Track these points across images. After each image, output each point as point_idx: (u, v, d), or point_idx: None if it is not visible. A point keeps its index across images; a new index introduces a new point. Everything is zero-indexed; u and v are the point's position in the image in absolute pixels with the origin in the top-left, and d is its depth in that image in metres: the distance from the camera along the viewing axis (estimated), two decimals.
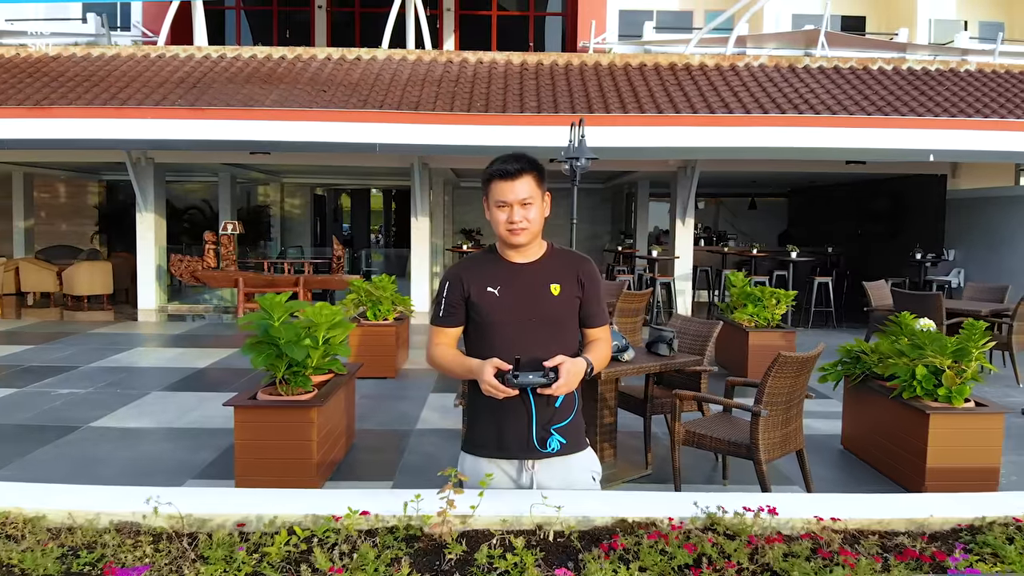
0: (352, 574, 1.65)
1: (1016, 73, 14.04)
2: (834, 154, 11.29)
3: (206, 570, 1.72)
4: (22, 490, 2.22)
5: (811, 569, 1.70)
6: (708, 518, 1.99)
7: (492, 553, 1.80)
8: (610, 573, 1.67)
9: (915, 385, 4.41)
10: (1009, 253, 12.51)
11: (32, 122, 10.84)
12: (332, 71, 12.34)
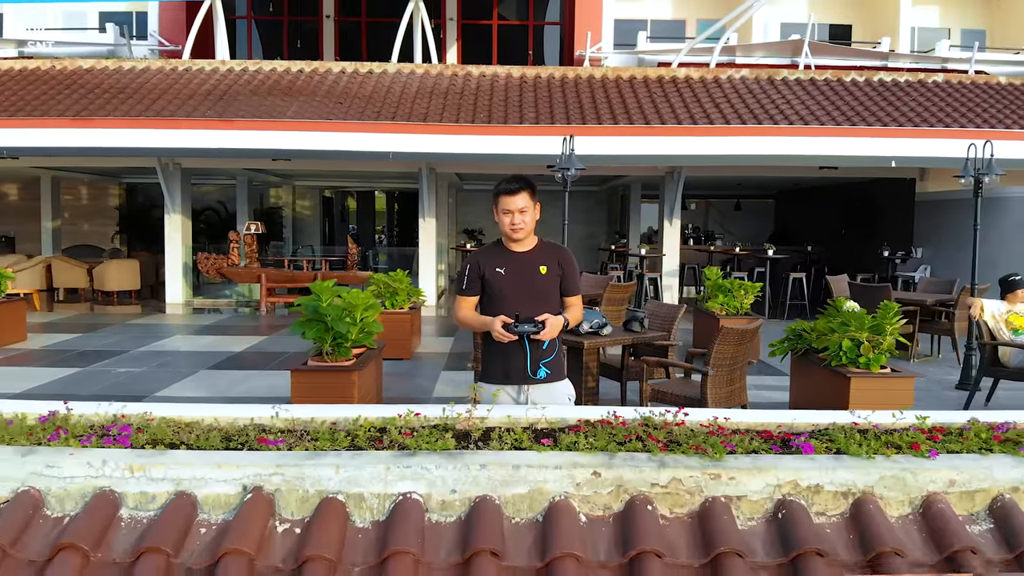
0: (415, 440, 2.66)
1: (980, 84, 15.06)
2: (807, 160, 12.30)
3: (319, 444, 2.73)
4: (177, 408, 3.23)
5: (702, 440, 2.71)
6: (643, 419, 2.99)
7: (501, 435, 2.81)
8: (574, 440, 2.68)
9: (841, 355, 5.42)
10: (964, 251, 13.47)
11: (75, 132, 11.83)
12: (347, 84, 13.36)
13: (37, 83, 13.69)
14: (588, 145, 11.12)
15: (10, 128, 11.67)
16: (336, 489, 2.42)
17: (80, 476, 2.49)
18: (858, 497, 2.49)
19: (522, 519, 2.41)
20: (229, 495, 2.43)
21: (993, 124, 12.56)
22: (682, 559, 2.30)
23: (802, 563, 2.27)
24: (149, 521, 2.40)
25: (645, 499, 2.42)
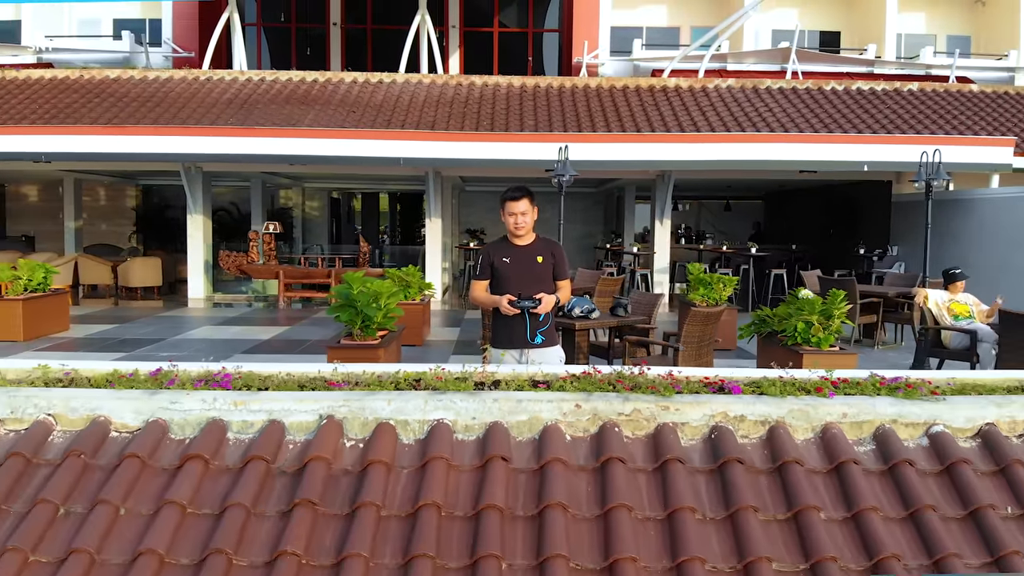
0: (445, 384, 3.51)
1: (953, 92, 15.92)
2: (788, 165, 13.13)
3: (372, 388, 3.58)
4: (258, 366, 4.08)
5: (660, 383, 3.56)
6: (616, 372, 3.85)
7: (508, 384, 3.66)
8: (562, 384, 3.53)
9: (796, 335, 6.26)
10: (941, 248, 14.34)
11: (107, 139, 12.66)
12: (359, 93, 14.21)
13: (67, 92, 14.53)
14: (583, 151, 11.97)
15: (47, 135, 12.51)
16: (388, 417, 3.28)
17: (196, 409, 3.35)
18: (772, 425, 3.35)
19: (523, 438, 3.26)
20: (309, 421, 3.29)
21: (962, 131, 13.39)
22: (639, 465, 3.16)
23: (727, 468, 3.13)
24: (250, 440, 3.26)
25: (613, 424, 3.28)
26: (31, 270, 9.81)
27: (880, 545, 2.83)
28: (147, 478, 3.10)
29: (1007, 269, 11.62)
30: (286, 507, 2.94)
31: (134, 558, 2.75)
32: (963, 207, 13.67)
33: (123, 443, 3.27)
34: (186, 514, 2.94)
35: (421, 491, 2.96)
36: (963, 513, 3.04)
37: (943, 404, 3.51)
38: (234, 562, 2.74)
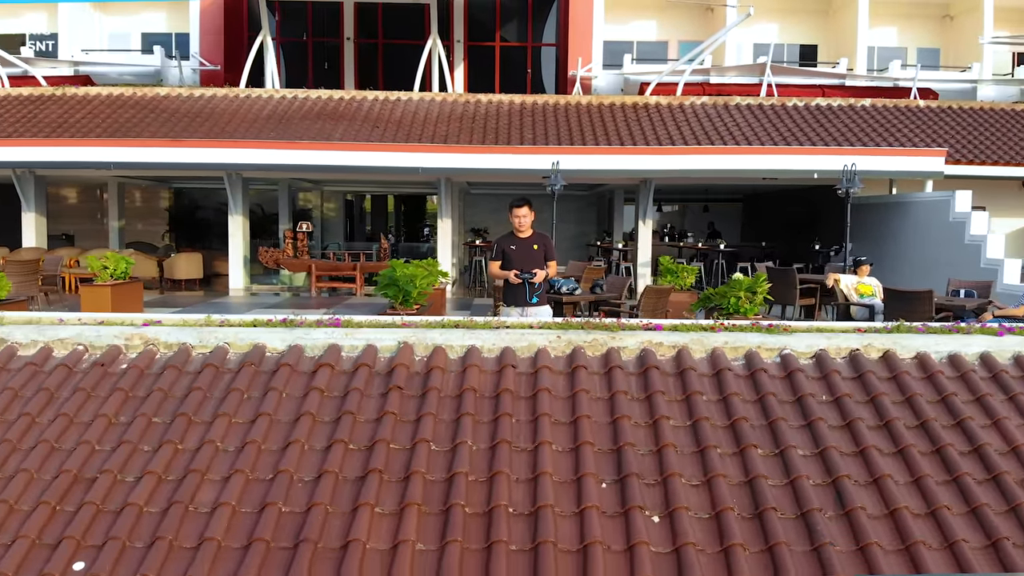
0: (475, 325, 5.43)
1: (902, 107, 17.82)
2: (751, 173, 15.01)
3: (427, 326, 5.51)
4: (352, 319, 6.01)
5: (612, 326, 5.48)
6: (584, 319, 5.78)
7: (513, 327, 5.60)
8: (549, 326, 5.46)
9: (729, 307, 8.18)
10: (885, 243, 16.25)
11: (167, 150, 14.52)
12: (380, 110, 16.11)
13: (125, 107, 16.42)
14: (574, 161, 13.85)
15: (115, 147, 14.39)
16: (440, 343, 5.21)
17: (321, 338, 5.29)
18: (680, 348, 5.28)
19: (524, 355, 5.20)
20: (392, 345, 5.22)
21: (903, 142, 15.28)
22: (595, 370, 5.09)
23: (648, 372, 5.05)
24: (357, 356, 5.19)
25: (580, 347, 5.21)
26: (116, 262, 11.74)
27: (738, 415, 4.76)
28: (295, 378, 5.04)
29: (936, 263, 13.49)
30: (383, 391, 4.87)
31: (296, 418, 4.69)
32: (902, 209, 15.57)
33: (276, 358, 5.21)
34: (322, 397, 4.87)
35: (463, 384, 4.90)
36: (794, 398, 4.98)
37: (791, 336, 5.47)
38: (357, 420, 4.67)
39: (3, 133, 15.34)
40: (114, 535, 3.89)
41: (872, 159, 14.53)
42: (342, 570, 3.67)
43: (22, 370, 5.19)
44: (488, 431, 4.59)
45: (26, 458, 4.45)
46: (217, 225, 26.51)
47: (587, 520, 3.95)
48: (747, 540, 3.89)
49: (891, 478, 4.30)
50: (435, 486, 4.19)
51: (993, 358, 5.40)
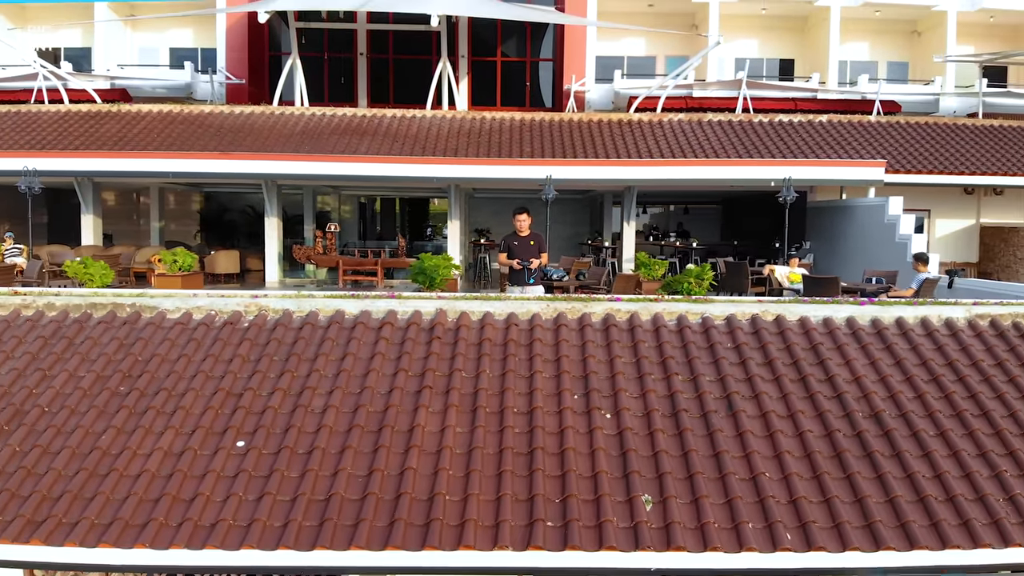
0: (489, 298, 7.60)
1: (855, 123, 19.97)
2: (717, 182, 17.10)
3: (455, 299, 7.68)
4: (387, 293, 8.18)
5: (586, 298, 7.65)
6: (566, 295, 7.94)
7: (515, 299, 7.78)
8: (543, 299, 7.63)
9: (683, 290, 10.33)
10: (836, 242, 18.37)
11: (216, 162, 16.60)
12: (398, 126, 18.24)
13: (176, 123, 18.54)
14: (567, 172, 15.96)
15: (171, 159, 16.50)
16: (465, 309, 7.38)
17: (383, 305, 7.45)
18: (632, 313, 7.45)
19: (524, 317, 7.36)
20: (432, 310, 7.38)
21: (851, 154, 17.41)
22: (572, 327, 7.26)
23: (609, 329, 7.21)
24: (408, 318, 7.34)
25: (563, 312, 7.38)
26: (183, 256, 13.88)
27: (668, 355, 6.91)
28: (367, 332, 7.19)
29: (875, 257, 15.58)
30: (428, 340, 7.03)
31: (371, 357, 6.83)
32: (849, 212, 17.68)
33: (353, 319, 7.35)
34: (387, 344, 7.03)
35: (482, 336, 7.06)
36: (707, 345, 7.14)
37: (711, 305, 7.64)
38: (412, 358, 6.82)
39: (70, 146, 17.43)
40: (261, 424, 6.07)
41: (820, 170, 16.64)
42: (410, 443, 5.84)
43: (173, 327, 7.35)
44: (499, 366, 6.75)
45: (191, 381, 6.61)
46: (243, 225, 28.59)
47: (564, 416, 6.12)
48: (665, 427, 6.07)
49: (767, 394, 6.47)
50: (465, 397, 6.36)
51: (855, 320, 7.57)
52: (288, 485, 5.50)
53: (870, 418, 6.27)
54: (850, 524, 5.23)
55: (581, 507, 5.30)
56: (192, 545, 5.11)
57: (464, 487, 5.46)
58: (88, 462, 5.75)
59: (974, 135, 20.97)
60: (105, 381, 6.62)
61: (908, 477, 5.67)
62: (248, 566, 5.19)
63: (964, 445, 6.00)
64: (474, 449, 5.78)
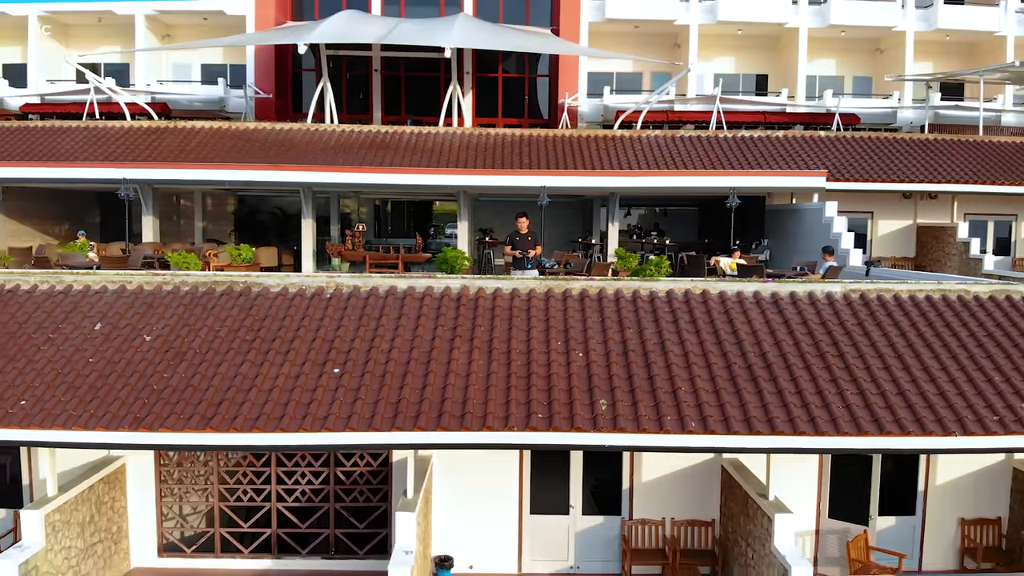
0: (499, 278, 10.44)
1: (808, 137, 22.77)
2: (687, 189, 19.85)
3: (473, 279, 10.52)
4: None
5: (568, 279, 10.50)
6: (555, 276, 10.78)
7: (517, 279, 10.64)
8: (537, 279, 10.48)
9: (643, 275, 13.13)
10: (788, 239, 21.14)
11: (266, 173, 19.27)
12: (415, 141, 20.99)
13: (226, 139, 21.30)
14: (559, 180, 18.71)
15: (226, 169, 19.24)
16: (482, 286, 10.23)
17: (423, 283, 10.30)
18: (600, 288, 10.31)
19: (523, 291, 10.21)
20: (458, 286, 10.23)
21: (799, 165, 20.19)
22: (557, 297, 10.11)
23: (584, 298, 10.07)
24: (441, 291, 10.19)
25: (552, 287, 10.23)
26: (245, 249, 16.67)
27: (623, 316, 9.77)
28: (413, 300, 10.03)
29: (814, 252, 18.30)
30: (456, 306, 9.88)
31: (418, 316, 9.69)
32: (798, 214, 20.46)
33: (404, 291, 10.20)
34: (428, 308, 9.87)
35: (495, 303, 9.91)
36: (651, 310, 9.99)
37: (657, 283, 10.51)
38: (446, 317, 9.67)
39: (139, 157, 20.14)
40: (349, 359, 8.91)
41: (770, 179, 19.38)
42: (448, 370, 8.67)
43: (276, 297, 10.19)
44: (506, 323, 9.59)
45: (296, 332, 9.44)
46: (272, 225, 31.36)
47: (551, 354, 8.97)
48: (617, 361, 8.92)
49: (689, 341, 9.31)
50: (483, 343, 9.19)
51: (760, 293, 10.42)
52: (371, 394, 8.34)
53: (758, 356, 9.12)
54: (734, 419, 8.06)
55: (560, 407, 8.15)
56: (313, 430, 7.95)
57: (485, 395, 8.31)
58: (235, 382, 8.59)
59: (911, 148, 23.79)
60: (236, 332, 9.46)
61: (778, 392, 8.51)
62: (350, 444, 8.03)
63: (820, 373, 8.85)
64: (491, 374, 8.63)
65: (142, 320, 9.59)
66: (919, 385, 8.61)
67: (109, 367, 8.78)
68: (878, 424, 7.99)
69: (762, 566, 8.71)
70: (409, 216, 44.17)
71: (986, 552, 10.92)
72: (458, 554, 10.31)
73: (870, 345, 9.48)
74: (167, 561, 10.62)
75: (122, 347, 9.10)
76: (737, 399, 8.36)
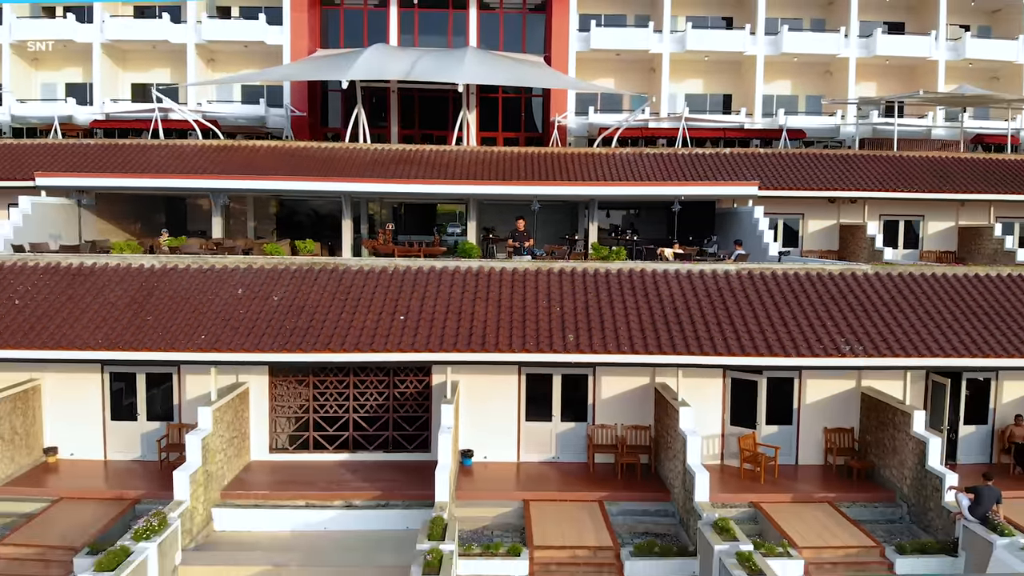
0: (502, 261, 14.94)
1: (743, 154, 27.28)
2: (648, 197, 24.34)
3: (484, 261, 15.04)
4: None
5: (553, 262, 15.03)
6: (545, 260, 15.31)
7: (516, 262, 15.18)
8: (529, 262, 15.01)
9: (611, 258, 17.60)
10: (729, 236, 25.62)
11: (318, 184, 23.66)
12: (433, 157, 25.41)
13: (283, 156, 25.73)
14: (548, 189, 23.19)
15: (288, 181, 23.67)
16: (492, 266, 14.76)
17: (453, 263, 14.84)
18: (573, 267, 14.85)
19: (521, 270, 14.73)
20: (476, 267, 14.78)
21: (738, 176, 24.67)
22: (543, 274, 14.65)
23: (562, 275, 14.60)
24: (464, 270, 14.72)
25: (541, 267, 14.76)
26: (310, 244, 21.09)
27: (588, 286, 14.31)
28: (446, 275, 14.55)
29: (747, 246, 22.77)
30: (476, 280, 14.41)
31: (450, 288, 14.23)
32: (737, 216, 24.92)
33: (440, 271, 14.72)
34: (455, 281, 14.41)
35: (502, 279, 14.43)
36: (607, 284, 14.54)
37: (614, 264, 15.07)
38: (468, 287, 14.20)
39: (212, 171, 24.49)
40: (407, 313, 13.46)
41: (712, 188, 23.81)
42: (473, 320, 13.23)
43: (355, 274, 14.70)
44: (509, 290, 14.11)
45: (372, 295, 13.97)
46: (307, 224, 35.71)
47: (539, 308, 13.52)
48: (580, 311, 13.49)
49: (628, 302, 13.88)
50: (493, 301, 13.72)
51: (680, 271, 14.97)
52: (424, 331, 12.85)
53: (671, 309, 13.66)
54: (657, 344, 12.60)
55: (543, 338, 12.67)
56: (390, 350, 12.46)
57: (496, 331, 12.83)
58: (338, 325, 13.11)
59: (837, 161, 28.28)
60: (332, 295, 13.96)
61: (693, 328, 13.04)
62: (411, 360, 12.54)
63: (716, 318, 13.39)
64: (499, 319, 13.17)
65: (269, 287, 14.09)
66: (787, 326, 13.17)
67: (254, 315, 13.29)
68: (756, 348, 12.55)
69: (675, 443, 13.24)
70: (420, 216, 48.72)
71: (840, 451, 15.43)
72: (476, 450, 14.83)
73: (749, 303, 14.02)
74: (276, 456, 15.11)
75: (259, 304, 13.61)
76: (658, 335, 12.90)
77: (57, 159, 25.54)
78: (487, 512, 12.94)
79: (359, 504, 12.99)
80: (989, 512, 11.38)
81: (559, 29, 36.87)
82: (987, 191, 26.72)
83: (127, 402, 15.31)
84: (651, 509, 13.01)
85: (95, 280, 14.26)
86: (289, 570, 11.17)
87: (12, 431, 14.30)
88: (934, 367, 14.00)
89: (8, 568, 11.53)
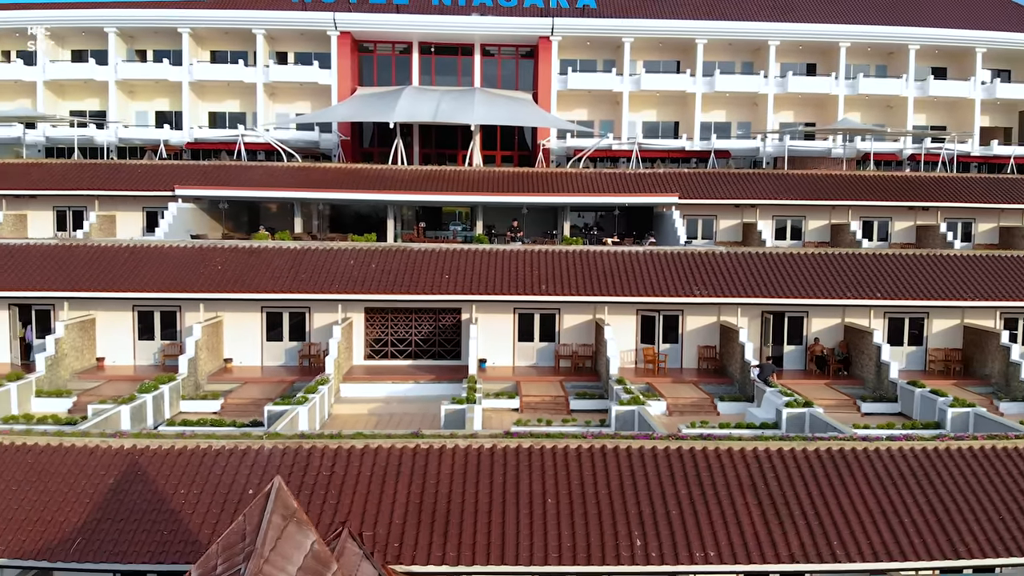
0: (503, 244, 23.52)
1: (676, 173, 35.89)
2: (603, 204, 32.82)
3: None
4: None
5: (541, 249, 23.65)
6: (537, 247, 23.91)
7: (514, 248, 23.84)
8: (523, 249, 23.65)
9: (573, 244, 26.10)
10: (659, 231, 34.14)
11: (371, 195, 31.91)
12: (452, 175, 33.88)
13: (346, 174, 34.13)
14: (534, 198, 31.65)
15: (349, 193, 32.03)
16: (498, 248, 23.39)
17: (468, 247, 23.51)
18: (553, 248, 23.53)
19: (515, 252, 23.34)
20: (484, 249, 23.45)
21: (666, 189, 33.29)
22: (533, 254, 23.29)
23: (545, 255, 23.26)
24: (475, 250, 23.38)
25: (532, 248, 23.40)
26: (368, 237, 29.55)
27: (564, 263, 22.98)
28: (461, 253, 23.18)
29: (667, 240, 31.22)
30: (483, 257, 23.04)
31: (464, 261, 22.87)
32: (665, 218, 33.52)
33: (455, 250, 23.38)
34: (467, 258, 23.03)
35: (503, 256, 23.07)
36: (573, 259, 23.24)
37: (572, 247, 23.75)
38: (482, 260, 22.84)
39: (298, 185, 32.79)
40: (425, 272, 22.15)
41: (645, 198, 32.20)
42: (483, 284, 21.92)
43: (417, 252, 23.32)
44: (511, 263, 22.75)
45: (427, 264, 22.61)
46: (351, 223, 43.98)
47: (529, 275, 22.23)
48: (558, 279, 22.25)
49: (583, 270, 22.61)
50: (495, 271, 22.40)
51: (610, 252, 23.69)
52: (458, 283, 21.43)
53: (606, 270, 22.37)
54: (597, 290, 21.35)
55: (529, 287, 21.30)
56: (439, 293, 21.13)
57: (501, 282, 21.51)
58: (407, 280, 21.77)
59: (744, 178, 36.93)
60: (404, 265, 22.59)
61: (616, 281, 21.79)
62: (450, 299, 21.19)
63: (629, 274, 22.12)
64: (503, 276, 21.84)
65: (363, 260, 22.64)
66: (674, 279, 21.84)
67: (359, 273, 21.90)
68: (655, 292, 21.21)
69: (605, 351, 21.83)
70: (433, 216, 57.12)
71: (706, 359, 24.17)
72: (488, 358, 23.47)
73: (653, 267, 22.71)
74: (368, 362, 23.71)
75: (359, 268, 22.18)
76: (595, 286, 21.57)
77: (178, 175, 33.88)
78: (496, 387, 21.60)
79: (422, 382, 21.65)
80: (769, 377, 20.11)
81: (544, 72, 44.96)
82: (850, 199, 35.47)
83: (274, 331, 23.93)
84: (589, 384, 21.70)
85: (263, 255, 22.82)
86: (388, 406, 19.83)
87: (208, 347, 22.87)
88: (765, 305, 22.71)
89: (235, 410, 20.12)
